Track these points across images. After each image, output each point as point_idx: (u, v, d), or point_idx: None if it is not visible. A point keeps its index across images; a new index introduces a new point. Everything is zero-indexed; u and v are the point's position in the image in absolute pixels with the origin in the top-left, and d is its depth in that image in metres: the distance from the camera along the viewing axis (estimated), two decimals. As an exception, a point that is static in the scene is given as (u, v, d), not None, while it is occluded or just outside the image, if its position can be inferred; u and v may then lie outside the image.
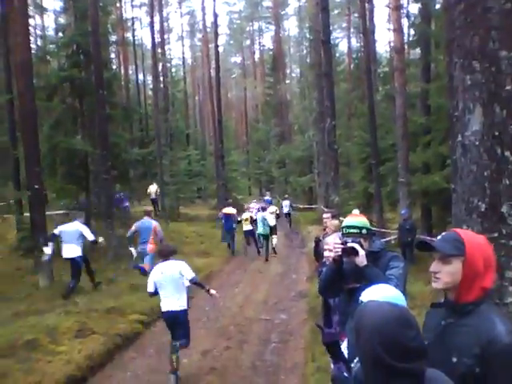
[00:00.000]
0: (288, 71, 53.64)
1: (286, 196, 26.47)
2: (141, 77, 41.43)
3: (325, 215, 6.74)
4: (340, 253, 2.97)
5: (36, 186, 9.98)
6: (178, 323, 5.65)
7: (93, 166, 14.43)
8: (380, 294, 2.21)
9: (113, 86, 16.48)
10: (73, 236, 9.04)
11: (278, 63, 42.04)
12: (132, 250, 9.96)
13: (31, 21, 29.25)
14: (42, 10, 33.53)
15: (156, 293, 5.62)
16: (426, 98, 14.96)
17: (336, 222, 6.66)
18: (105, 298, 8.57)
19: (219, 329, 7.65)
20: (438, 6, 15.44)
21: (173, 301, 5.57)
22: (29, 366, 5.42)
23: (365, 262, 2.91)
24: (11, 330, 6.45)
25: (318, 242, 6.85)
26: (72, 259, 9.01)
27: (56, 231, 9.08)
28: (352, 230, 3.08)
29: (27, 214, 12.09)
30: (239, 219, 14.99)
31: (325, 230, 6.71)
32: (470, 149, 2.69)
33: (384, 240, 12.07)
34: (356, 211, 4.70)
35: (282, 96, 40.67)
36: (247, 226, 14.92)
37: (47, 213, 11.08)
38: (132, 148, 21.61)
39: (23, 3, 10.75)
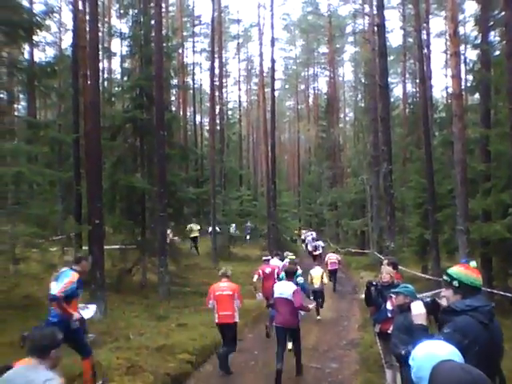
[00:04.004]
0: (342, 115, 53.86)
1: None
2: (198, 118, 42.98)
3: (384, 262, 6.83)
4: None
5: (97, 221, 10.40)
6: None
7: (149, 203, 14.85)
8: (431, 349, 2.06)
9: (172, 128, 17.12)
10: None
11: (331, 107, 42.36)
12: None
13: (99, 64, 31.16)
14: (110, 55, 35.76)
15: None
16: (486, 144, 14.48)
17: (389, 268, 6.60)
18: (155, 335, 8.62)
19: (268, 375, 7.33)
20: (497, 53, 15.22)
21: None
22: (80, 401, 5.50)
23: (416, 322, 2.92)
24: (63, 363, 6.56)
25: (369, 286, 6.70)
26: None
27: None
28: (444, 277, 3.07)
29: (85, 248, 12.57)
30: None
31: (381, 276, 6.64)
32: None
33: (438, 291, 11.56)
34: (473, 263, 4.59)
35: (335, 139, 40.72)
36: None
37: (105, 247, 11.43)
38: (187, 187, 22.16)
39: (95, 49, 11.49)
